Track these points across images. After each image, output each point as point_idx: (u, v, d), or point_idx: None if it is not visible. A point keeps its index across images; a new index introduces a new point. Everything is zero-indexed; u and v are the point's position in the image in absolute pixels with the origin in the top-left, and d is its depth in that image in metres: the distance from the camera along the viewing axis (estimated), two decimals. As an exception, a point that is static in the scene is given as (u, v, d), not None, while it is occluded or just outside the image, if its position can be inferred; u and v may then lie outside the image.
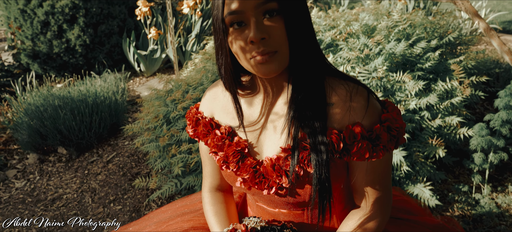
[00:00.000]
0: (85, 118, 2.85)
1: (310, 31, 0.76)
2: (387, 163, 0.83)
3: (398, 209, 1.10)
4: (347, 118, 0.78)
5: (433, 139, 1.98)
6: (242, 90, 0.87)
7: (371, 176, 0.82)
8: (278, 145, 0.82)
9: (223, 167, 0.87)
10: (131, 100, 3.87)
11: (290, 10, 0.71)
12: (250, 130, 0.86)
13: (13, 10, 4.26)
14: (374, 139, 0.77)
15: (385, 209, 0.86)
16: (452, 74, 2.30)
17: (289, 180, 0.79)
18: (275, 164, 0.81)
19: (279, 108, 0.83)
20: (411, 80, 2.08)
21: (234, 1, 0.70)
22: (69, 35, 4.22)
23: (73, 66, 4.42)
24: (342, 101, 0.78)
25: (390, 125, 0.77)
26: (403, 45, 2.25)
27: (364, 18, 2.75)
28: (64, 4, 4.10)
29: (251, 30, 0.69)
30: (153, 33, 4.15)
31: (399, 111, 0.81)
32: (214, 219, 0.96)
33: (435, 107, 2.15)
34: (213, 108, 0.93)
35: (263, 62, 0.72)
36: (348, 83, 0.79)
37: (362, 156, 0.77)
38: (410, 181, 1.99)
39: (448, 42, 2.71)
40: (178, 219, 1.09)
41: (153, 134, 2.23)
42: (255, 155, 0.86)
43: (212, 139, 0.89)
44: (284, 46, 0.72)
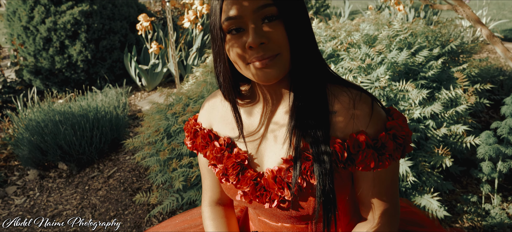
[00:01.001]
0: (86, 132, 2.83)
1: (311, 36, 0.74)
2: (393, 172, 0.79)
3: (407, 221, 1.06)
4: (350, 126, 0.74)
5: (439, 148, 1.94)
6: (241, 100, 0.84)
7: (377, 186, 0.79)
8: (280, 155, 0.79)
9: (222, 179, 0.84)
10: (132, 115, 3.86)
11: (290, 14, 0.69)
12: (250, 140, 0.83)
13: (16, 27, 4.29)
14: (380, 148, 0.73)
15: (392, 221, 0.82)
16: (456, 82, 2.27)
17: (291, 192, 0.75)
18: (277, 175, 0.77)
19: (280, 117, 0.80)
20: (414, 89, 2.05)
21: (231, 7, 0.68)
22: (71, 51, 4.23)
23: (74, 82, 4.43)
24: (345, 109, 0.75)
25: (396, 132, 0.74)
26: (405, 54, 2.22)
27: (365, 28, 2.74)
28: (66, 20, 4.13)
29: (250, 36, 0.67)
30: (154, 48, 4.16)
31: (404, 118, 0.77)
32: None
33: (440, 116, 2.11)
34: (212, 119, 0.90)
35: (263, 67, 0.69)
36: (351, 90, 0.76)
37: (368, 166, 0.73)
38: (417, 192, 1.94)
39: (450, 50, 2.68)
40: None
41: (153, 148, 2.20)
42: (256, 166, 0.83)
43: (210, 150, 0.85)
44: (285, 49, 0.69)
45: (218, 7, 0.70)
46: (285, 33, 0.69)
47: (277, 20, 0.68)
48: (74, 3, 4.24)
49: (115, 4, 4.52)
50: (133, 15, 4.73)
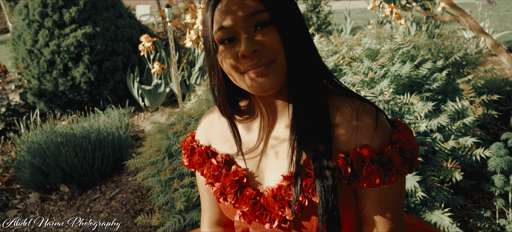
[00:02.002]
0: (88, 154, 2.81)
1: (307, 40, 0.70)
2: (400, 189, 0.74)
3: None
4: (354, 140, 0.70)
5: (448, 162, 1.88)
6: (240, 116, 0.80)
7: (383, 204, 0.73)
8: (280, 172, 0.75)
9: (220, 199, 0.79)
10: (135, 135, 3.83)
11: (283, 18, 0.66)
12: (249, 157, 0.79)
13: (21, 51, 4.34)
14: (386, 163, 0.68)
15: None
16: (462, 94, 2.23)
17: (292, 211, 0.71)
18: (277, 194, 0.73)
19: (280, 132, 0.76)
20: (419, 102, 2.01)
21: (222, 16, 0.66)
22: (74, 72, 4.26)
23: (78, 104, 4.44)
24: (347, 121, 0.70)
25: (403, 146, 0.69)
26: (409, 67, 2.19)
27: (366, 42, 2.72)
28: (70, 43, 4.17)
29: (242, 44, 0.64)
30: (157, 68, 4.17)
31: (411, 131, 0.73)
32: None
33: (447, 128, 2.06)
34: (210, 136, 0.86)
35: (258, 76, 0.65)
36: (354, 101, 0.72)
37: (373, 182, 0.68)
38: (427, 208, 1.87)
39: (455, 62, 2.65)
40: None
41: (155, 168, 2.16)
42: (257, 184, 0.78)
43: (208, 168, 0.81)
44: (280, 54, 0.66)
45: (210, 18, 0.68)
46: (279, 38, 0.65)
47: (270, 26, 0.65)
48: (77, 26, 4.29)
49: (117, 26, 4.56)
50: (136, 36, 4.77)
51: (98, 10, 4.45)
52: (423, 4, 2.08)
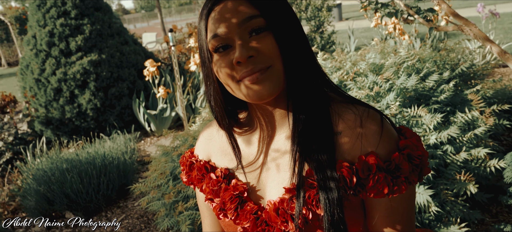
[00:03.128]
0: (93, 179, 2.78)
1: (305, 46, 0.68)
2: (409, 200, 0.69)
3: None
4: (358, 147, 0.65)
5: (461, 175, 1.81)
6: (239, 128, 0.77)
7: (392, 216, 0.68)
8: (282, 185, 0.71)
9: (220, 215, 0.75)
10: (141, 160, 3.81)
11: (279, 24, 0.64)
12: (249, 171, 0.75)
13: (29, 80, 4.40)
14: (394, 170, 0.64)
15: None
16: (471, 104, 2.18)
17: (296, 225, 0.66)
18: (279, 207, 0.68)
19: (280, 143, 0.73)
20: (427, 114, 1.96)
21: (216, 24, 0.64)
22: (80, 100, 4.30)
23: (84, 130, 4.45)
24: (351, 129, 0.66)
25: (411, 152, 0.65)
26: (414, 79, 2.16)
27: (370, 57, 2.71)
28: (76, 71, 4.23)
29: (237, 51, 0.61)
30: (162, 92, 4.19)
31: (419, 137, 0.68)
32: None
33: (458, 140, 2.00)
34: (209, 150, 0.83)
35: (254, 82, 0.62)
36: (357, 107, 0.68)
37: (381, 192, 0.64)
38: (442, 224, 1.79)
39: (461, 73, 2.61)
40: None
41: (159, 191, 2.13)
42: (258, 199, 0.74)
43: (207, 183, 0.78)
44: (276, 60, 0.63)
45: (203, 27, 0.66)
46: (275, 44, 0.63)
47: (266, 32, 0.63)
48: (83, 53, 4.36)
49: (123, 52, 4.63)
50: (141, 62, 4.82)
51: (103, 38, 4.53)
52: (426, 15, 2.06)
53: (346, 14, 17.90)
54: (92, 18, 4.49)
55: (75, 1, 4.42)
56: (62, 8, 4.38)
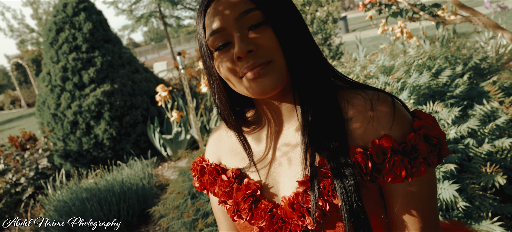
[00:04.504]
0: (113, 206, 2.79)
1: (306, 37, 0.66)
2: (430, 184, 0.65)
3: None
4: (371, 131, 0.63)
5: (487, 167, 1.75)
6: (247, 127, 0.76)
7: (413, 202, 0.64)
8: (295, 179, 0.68)
9: (235, 217, 0.73)
10: (160, 185, 3.82)
11: (277, 16, 0.63)
12: (261, 167, 0.73)
13: (46, 116, 4.52)
14: (410, 152, 0.61)
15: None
16: (489, 96, 2.12)
17: (313, 218, 0.63)
18: (294, 202, 0.66)
19: (290, 137, 0.71)
20: (443, 109, 1.92)
21: (213, 20, 0.63)
22: (96, 130, 4.37)
23: (102, 160, 4.51)
24: (361, 113, 0.64)
25: (427, 132, 0.62)
26: (427, 76, 2.12)
27: (380, 59, 2.69)
28: (90, 102, 4.32)
29: (236, 45, 0.61)
30: (175, 116, 4.23)
31: (434, 118, 0.65)
32: None
33: (479, 132, 1.94)
34: (219, 153, 0.82)
35: (256, 77, 0.61)
36: (366, 91, 0.66)
37: (398, 176, 0.60)
38: (472, 220, 1.72)
39: (475, 66, 2.56)
40: None
41: (178, 211, 2.12)
42: (272, 196, 0.72)
43: (219, 186, 0.76)
44: (277, 54, 0.62)
45: (201, 25, 0.66)
46: (275, 37, 0.62)
47: (264, 25, 0.62)
48: (96, 85, 4.47)
49: (134, 80, 4.73)
50: (153, 89, 4.91)
51: (114, 68, 4.64)
52: (431, 11, 2.05)
53: (352, 26, 17.95)
54: (103, 50, 4.62)
55: (85, 35, 4.57)
56: (73, 43, 4.53)
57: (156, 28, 41.72)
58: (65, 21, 4.64)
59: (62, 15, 4.67)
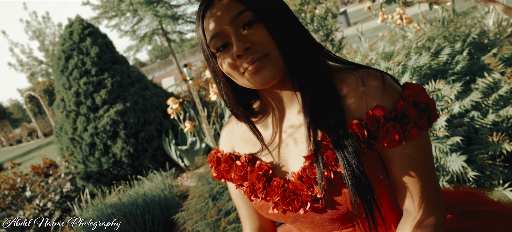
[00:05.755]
0: (138, 218, 2.90)
1: (297, 28, 0.74)
2: (425, 148, 0.72)
3: (466, 203, 0.95)
4: (364, 104, 0.71)
5: (493, 136, 1.80)
6: (255, 117, 0.85)
7: (410, 165, 0.71)
8: (302, 155, 0.77)
9: (251, 197, 0.82)
10: (181, 194, 3.92)
11: (267, 13, 0.70)
12: (271, 150, 0.82)
13: (64, 141, 4.69)
14: (401, 118, 0.68)
15: (436, 206, 0.73)
16: (490, 68, 2.17)
17: (320, 187, 0.71)
18: (303, 175, 0.74)
19: (294, 119, 0.79)
20: (445, 86, 1.97)
21: (211, 25, 0.71)
22: (114, 149, 4.52)
23: (122, 177, 4.65)
24: (354, 90, 0.72)
25: (415, 99, 0.69)
26: (426, 56, 2.18)
27: (380, 46, 2.75)
28: (105, 123, 4.47)
29: (234, 45, 0.69)
30: (188, 126, 4.34)
31: (422, 87, 0.73)
32: None
33: (483, 104, 1.99)
34: (232, 143, 0.91)
35: (256, 70, 0.69)
36: (357, 70, 0.74)
37: (393, 140, 0.68)
38: (485, 190, 1.77)
39: (474, 42, 2.60)
40: None
41: (201, 213, 2.21)
42: (283, 174, 0.81)
43: (234, 171, 0.85)
44: (272, 48, 0.70)
45: (201, 31, 0.74)
46: (267, 33, 0.69)
47: (256, 23, 0.70)
48: (109, 105, 4.62)
49: (145, 97, 4.87)
50: (164, 103, 5.04)
51: (124, 87, 4.79)
52: (425, -7, 2.11)
53: (354, 19, 17.94)
54: (111, 71, 4.78)
55: (93, 59, 4.73)
56: (83, 68, 4.70)
57: (160, 45, 42.31)
58: (72, 48, 4.81)
59: (70, 43, 4.85)
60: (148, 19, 17.79)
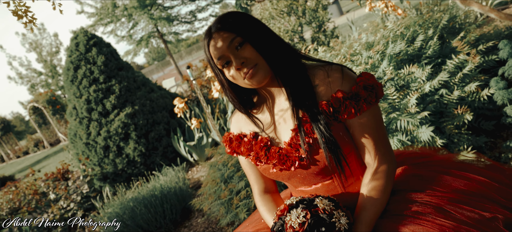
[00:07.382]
0: (158, 208, 3.24)
1: (276, 41, 1.05)
2: (375, 116, 1.04)
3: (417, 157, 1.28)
4: (330, 91, 1.04)
5: (457, 109, 2.13)
6: (255, 107, 1.18)
7: (365, 130, 1.03)
8: (290, 129, 1.10)
9: (257, 162, 1.15)
10: (194, 185, 4.27)
11: (252, 36, 1.02)
12: (268, 128, 1.15)
13: (80, 146, 5.02)
14: (354, 97, 1.01)
15: (387, 158, 1.05)
16: (458, 50, 2.49)
17: (303, 149, 1.04)
18: (291, 143, 1.07)
19: (282, 105, 1.12)
20: (418, 69, 2.30)
21: (214, 52, 1.04)
22: (127, 150, 4.85)
23: (136, 176, 5.00)
24: (322, 80, 1.05)
25: (364, 83, 1.02)
26: (403, 44, 2.50)
27: (363, 37, 3.07)
28: (117, 126, 4.81)
29: (233, 62, 1.02)
30: (195, 123, 4.67)
31: (372, 75, 1.05)
32: (268, 216, 1.21)
33: (451, 83, 2.31)
34: (240, 126, 1.23)
35: (251, 76, 1.02)
36: (325, 66, 1.08)
37: (351, 113, 1.00)
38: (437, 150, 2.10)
39: (446, 27, 2.92)
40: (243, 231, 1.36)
41: (215, 194, 2.55)
42: (278, 144, 1.13)
43: (244, 145, 1.18)
44: (259, 59, 1.02)
45: (209, 55, 1.07)
46: (254, 49, 1.02)
47: (245, 44, 1.01)
48: (119, 110, 4.95)
49: (151, 99, 5.20)
50: (169, 103, 5.37)
51: (132, 91, 5.12)
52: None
53: (346, 7, 18.18)
54: (118, 77, 5.10)
55: (100, 67, 5.05)
56: (91, 77, 5.02)
57: (156, 47, 42.50)
58: (80, 59, 5.13)
59: (76, 54, 5.16)
60: (144, 23, 18.04)
